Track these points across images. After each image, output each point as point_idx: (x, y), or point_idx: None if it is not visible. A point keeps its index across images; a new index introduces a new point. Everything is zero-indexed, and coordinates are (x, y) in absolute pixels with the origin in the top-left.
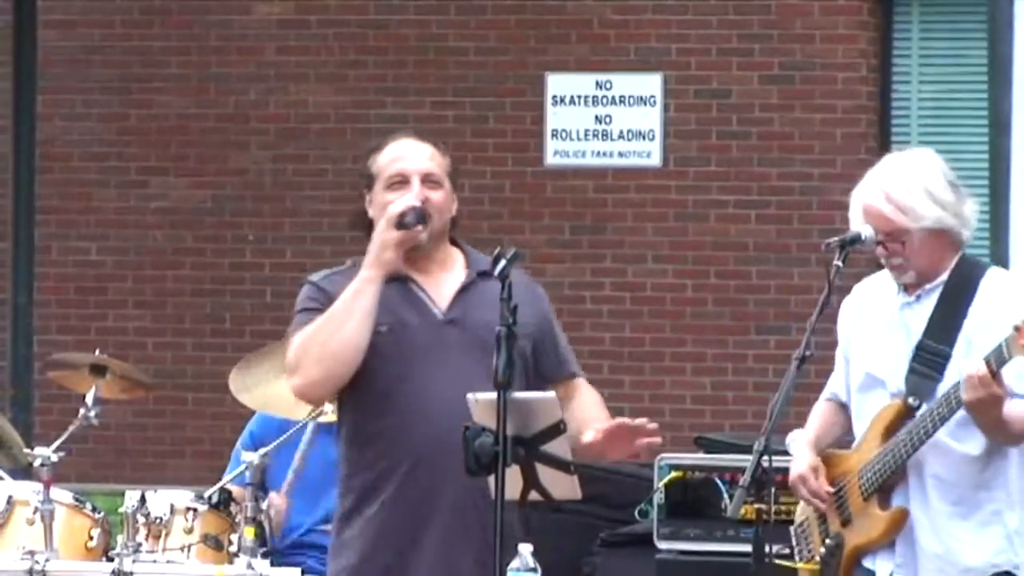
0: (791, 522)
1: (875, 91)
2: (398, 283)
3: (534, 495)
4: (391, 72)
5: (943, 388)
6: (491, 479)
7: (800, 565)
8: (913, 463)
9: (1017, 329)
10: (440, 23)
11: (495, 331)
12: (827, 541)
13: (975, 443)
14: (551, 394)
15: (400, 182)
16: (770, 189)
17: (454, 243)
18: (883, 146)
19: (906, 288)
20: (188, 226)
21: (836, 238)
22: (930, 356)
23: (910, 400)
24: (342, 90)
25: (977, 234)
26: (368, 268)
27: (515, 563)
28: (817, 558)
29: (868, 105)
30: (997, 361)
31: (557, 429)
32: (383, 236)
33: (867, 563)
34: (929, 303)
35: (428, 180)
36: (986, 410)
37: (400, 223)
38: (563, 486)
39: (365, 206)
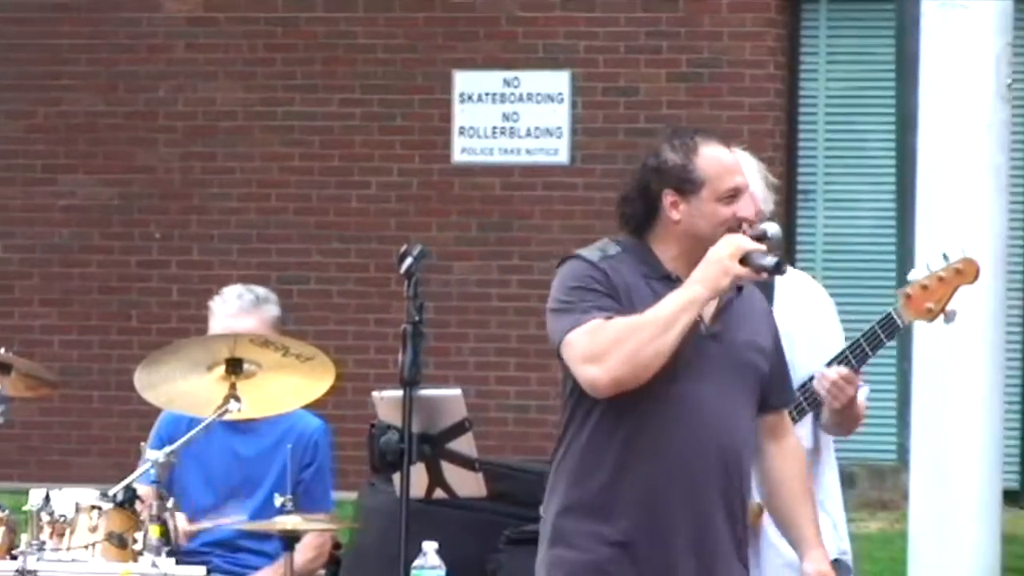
0: None
1: (783, 88)
2: (668, 283)
3: (439, 492)
4: (299, 69)
5: None
6: (397, 476)
7: None
8: None
9: (908, 297)
10: (348, 20)
11: (761, 353)
12: None
13: (807, 435)
14: (456, 391)
15: (733, 197)
16: None
17: None
18: (791, 143)
19: None
20: (95, 224)
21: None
22: None
23: None
24: (250, 87)
25: (884, 229)
26: (700, 286)
27: (419, 561)
28: None
29: (776, 102)
30: (886, 331)
31: (463, 426)
32: (727, 264)
33: None
34: None
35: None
36: (851, 408)
37: (748, 259)
38: (468, 483)
39: (659, 202)
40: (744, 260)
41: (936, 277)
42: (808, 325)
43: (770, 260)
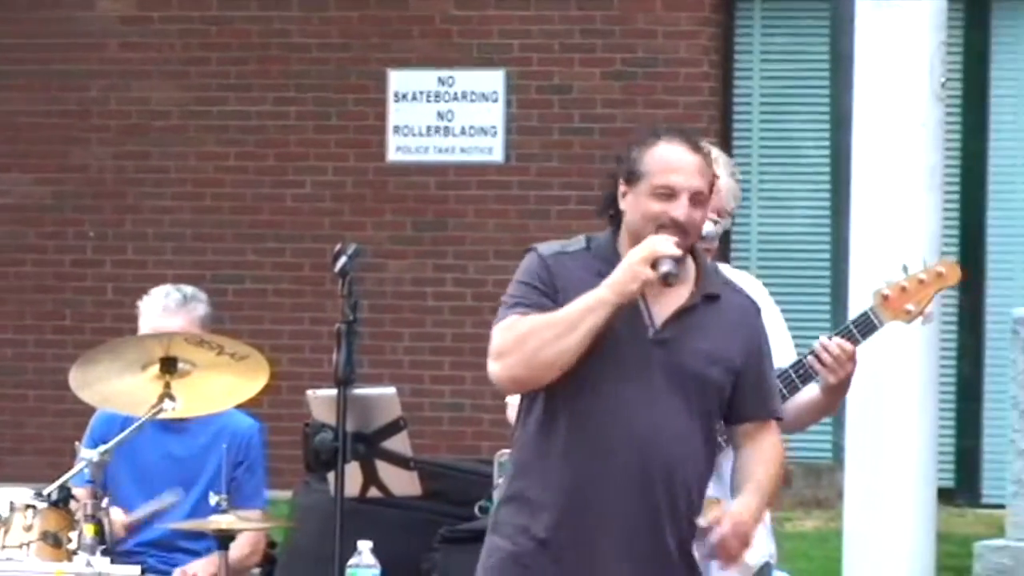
0: None
1: (717, 87)
2: None
3: (374, 491)
4: (233, 68)
5: None
6: (331, 475)
7: None
8: None
9: (885, 298)
10: (282, 19)
11: (713, 363)
12: None
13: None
14: (391, 390)
15: (667, 195)
16: (613, 185)
17: (693, 254)
18: (725, 142)
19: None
20: (29, 223)
21: None
22: None
23: None
24: (184, 86)
25: (818, 228)
26: (608, 290)
27: (354, 560)
28: None
29: (710, 101)
30: (864, 332)
31: (397, 425)
32: (636, 269)
33: None
34: None
35: (695, 199)
36: (846, 385)
37: (655, 266)
38: (403, 482)
39: (617, 191)
40: (655, 265)
41: (916, 279)
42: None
43: (663, 269)
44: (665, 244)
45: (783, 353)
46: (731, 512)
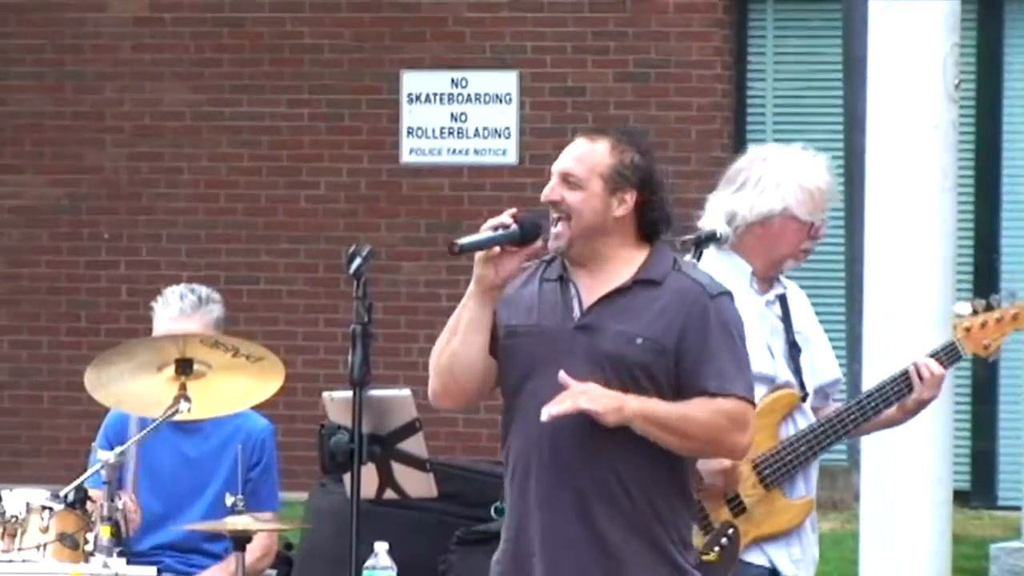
0: None
1: (730, 88)
2: (560, 283)
3: (390, 493)
4: (246, 70)
5: (807, 380)
6: (347, 477)
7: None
8: None
9: (967, 330)
10: (295, 20)
11: (634, 343)
12: (729, 532)
13: None
14: (406, 391)
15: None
16: None
17: (652, 243)
18: (738, 144)
19: (758, 282)
20: (43, 224)
21: (692, 235)
22: (794, 351)
23: (803, 392)
24: (197, 88)
25: (832, 229)
26: (472, 282)
27: (371, 561)
28: (717, 549)
29: (723, 103)
30: (949, 359)
31: (412, 427)
32: (478, 254)
33: (752, 556)
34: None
35: (566, 180)
36: (927, 405)
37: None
38: (418, 484)
39: None
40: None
41: (994, 318)
42: (817, 327)
43: (504, 237)
44: (494, 220)
45: (830, 362)
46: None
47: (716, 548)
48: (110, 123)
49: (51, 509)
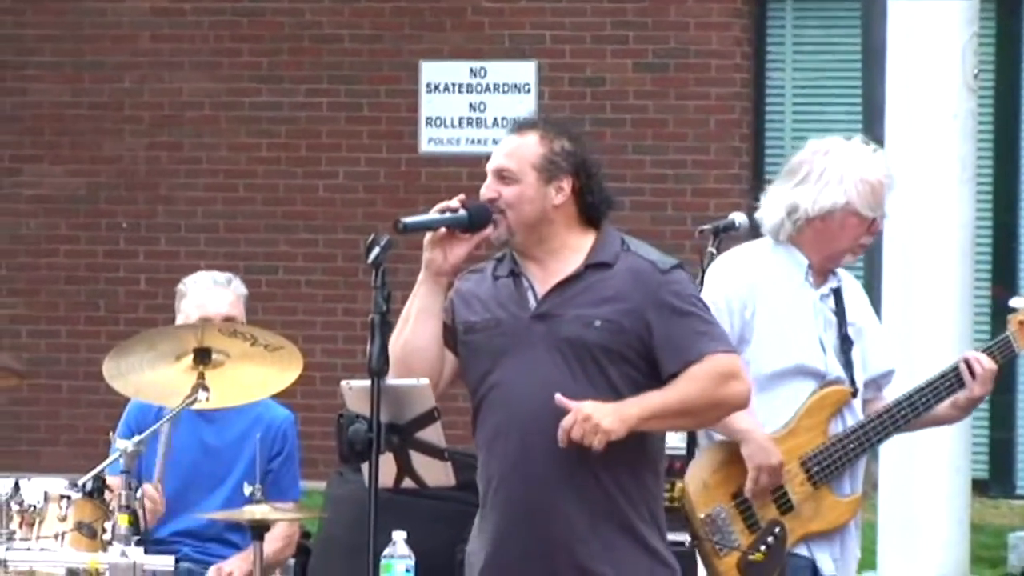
0: (675, 508)
1: (749, 78)
2: (512, 277)
3: (408, 482)
4: (265, 60)
5: (857, 374)
6: (365, 466)
7: (757, 557)
8: None
9: (1022, 324)
10: (314, 10)
11: (593, 326)
12: (776, 530)
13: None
14: (425, 381)
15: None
16: (644, 176)
17: (599, 230)
18: (757, 134)
19: (814, 276)
20: (62, 214)
21: (710, 225)
22: (846, 345)
23: (853, 388)
24: (216, 78)
25: None
26: (423, 268)
27: (389, 550)
28: (763, 548)
29: (742, 92)
30: (1003, 354)
31: (431, 416)
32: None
33: (798, 548)
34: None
35: (501, 176)
36: (980, 401)
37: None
38: (437, 473)
39: None
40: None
41: None
42: (872, 318)
43: (452, 221)
44: (443, 204)
45: (883, 353)
46: (580, 406)
47: (763, 547)
48: (129, 113)
49: (69, 498)
